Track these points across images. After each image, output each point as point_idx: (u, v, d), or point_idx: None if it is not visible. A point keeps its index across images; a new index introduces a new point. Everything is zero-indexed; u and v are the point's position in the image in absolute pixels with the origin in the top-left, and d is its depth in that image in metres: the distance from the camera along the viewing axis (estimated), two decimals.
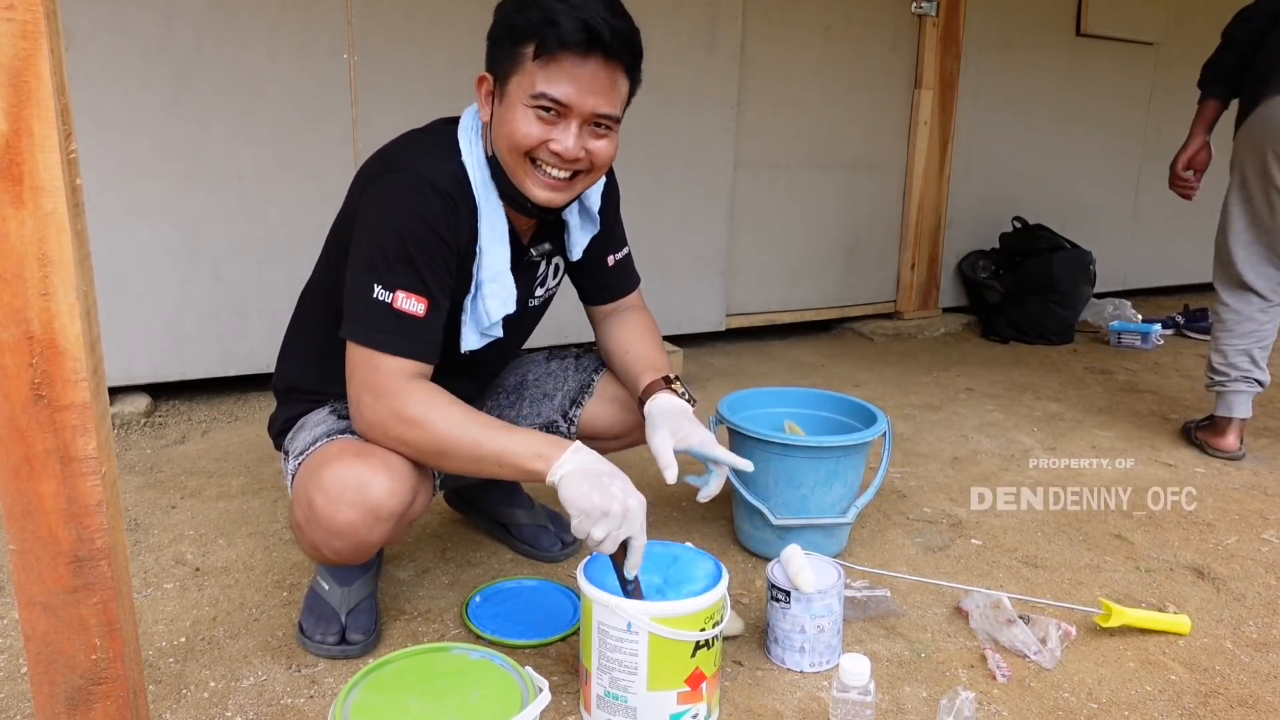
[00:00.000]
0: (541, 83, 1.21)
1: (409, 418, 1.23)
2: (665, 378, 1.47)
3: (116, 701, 0.93)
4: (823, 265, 3.73)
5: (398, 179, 1.28)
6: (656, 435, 1.38)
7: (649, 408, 1.44)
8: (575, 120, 1.23)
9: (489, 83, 1.29)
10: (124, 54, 2.34)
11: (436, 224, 1.26)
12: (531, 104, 1.22)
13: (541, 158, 1.26)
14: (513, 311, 1.39)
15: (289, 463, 1.38)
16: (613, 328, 1.60)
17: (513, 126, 1.24)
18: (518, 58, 1.22)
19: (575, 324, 2.19)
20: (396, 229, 1.25)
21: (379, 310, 1.24)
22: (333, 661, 1.39)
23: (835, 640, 1.41)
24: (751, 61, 3.32)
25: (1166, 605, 1.62)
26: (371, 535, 1.27)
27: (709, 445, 1.38)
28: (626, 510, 1.18)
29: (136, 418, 2.45)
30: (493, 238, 1.34)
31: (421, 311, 1.25)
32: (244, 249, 2.58)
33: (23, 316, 0.81)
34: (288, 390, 1.51)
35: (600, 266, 1.57)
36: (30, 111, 0.77)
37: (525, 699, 1.14)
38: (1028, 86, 4.05)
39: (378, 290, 1.24)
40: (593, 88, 1.22)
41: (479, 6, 2.72)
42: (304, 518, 1.29)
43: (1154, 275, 4.79)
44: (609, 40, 1.20)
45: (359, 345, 1.26)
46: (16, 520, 0.85)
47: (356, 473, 1.24)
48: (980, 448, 2.43)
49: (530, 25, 1.20)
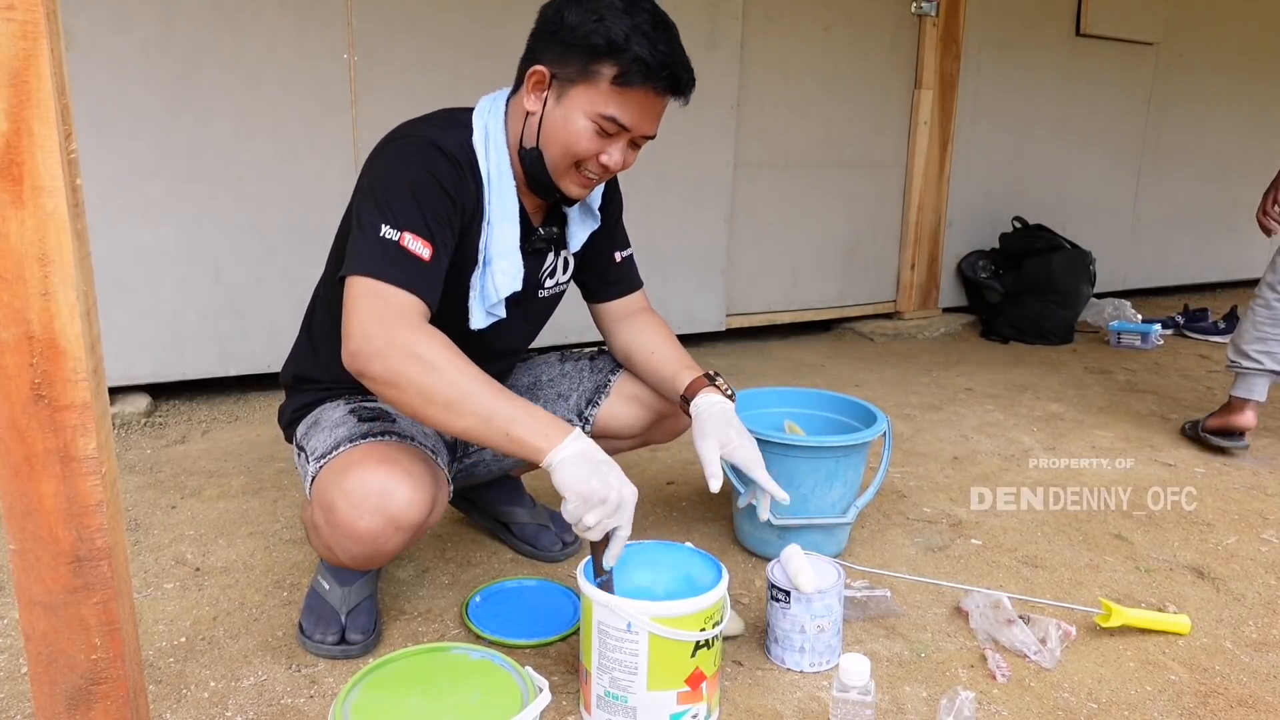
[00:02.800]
0: (614, 107, 1.28)
1: (424, 358, 1.18)
2: (707, 374, 1.50)
3: (116, 701, 0.93)
4: (822, 265, 3.73)
5: (406, 141, 1.31)
6: (705, 442, 1.41)
7: (696, 407, 1.46)
8: (627, 138, 1.32)
9: (543, 77, 1.30)
10: (124, 54, 2.34)
11: (443, 180, 1.28)
12: (597, 120, 1.29)
13: (589, 165, 1.33)
14: (519, 290, 1.40)
15: (309, 464, 1.36)
16: (631, 331, 1.61)
17: (572, 136, 1.30)
18: (592, 74, 1.27)
19: (576, 324, 2.19)
20: (404, 179, 1.26)
21: (387, 247, 1.23)
22: (333, 661, 1.39)
23: (835, 640, 1.41)
24: (751, 61, 3.32)
25: (1166, 605, 1.62)
26: (390, 544, 1.26)
27: (752, 467, 1.43)
28: (621, 500, 1.18)
29: (136, 418, 2.45)
30: (503, 214, 1.36)
31: (427, 256, 1.24)
32: (244, 249, 2.58)
33: (23, 316, 0.81)
34: (297, 380, 1.51)
35: (608, 263, 1.60)
36: (30, 111, 0.77)
37: (525, 699, 1.14)
38: (1028, 86, 4.05)
39: (385, 229, 1.23)
40: (652, 116, 1.33)
41: (479, 6, 2.75)
42: (323, 520, 1.28)
43: (1154, 275, 4.80)
44: (683, 86, 1.31)
45: (366, 278, 1.21)
46: (17, 520, 0.86)
47: (380, 481, 1.23)
48: (980, 448, 2.43)
49: (614, 50, 1.25)
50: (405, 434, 1.36)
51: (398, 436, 1.35)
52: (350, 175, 2.68)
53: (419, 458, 1.32)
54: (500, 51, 2.79)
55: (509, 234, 1.37)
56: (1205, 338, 3.84)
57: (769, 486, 1.43)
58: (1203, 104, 4.63)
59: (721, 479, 1.38)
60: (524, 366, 1.71)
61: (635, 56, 1.24)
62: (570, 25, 1.27)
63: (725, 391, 1.49)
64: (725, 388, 1.50)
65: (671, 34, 1.29)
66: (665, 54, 1.26)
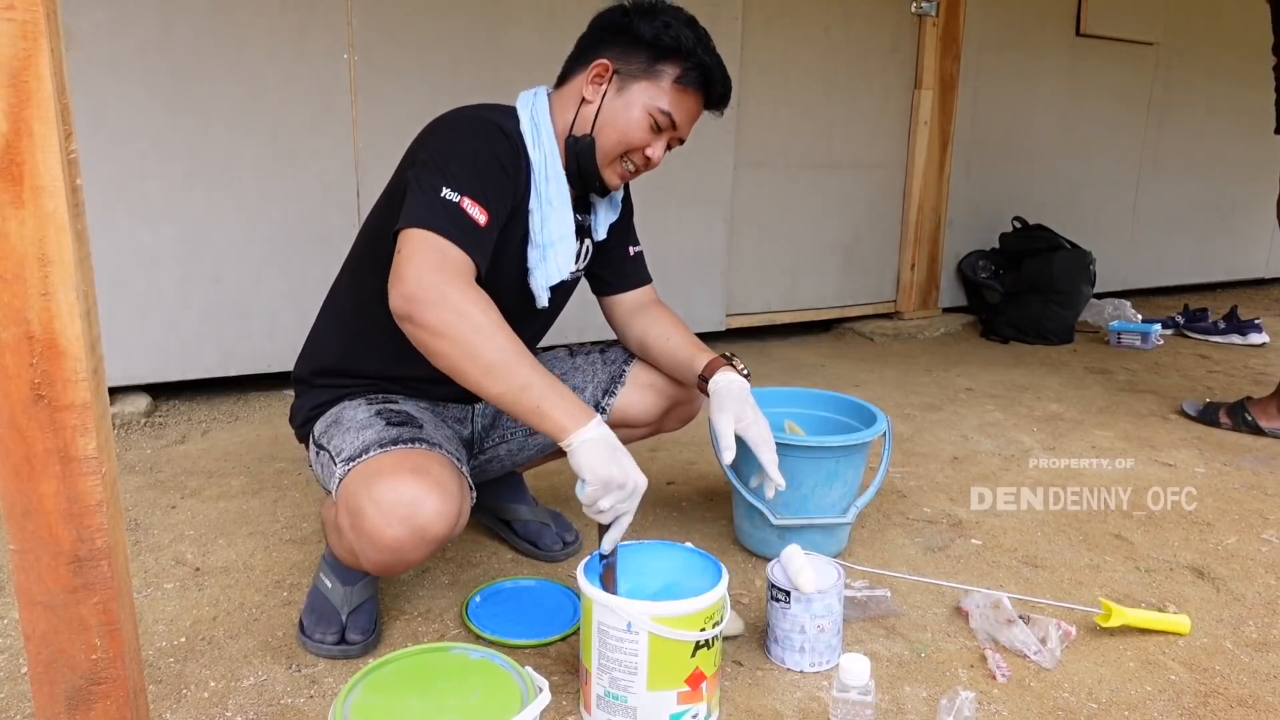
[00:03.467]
0: (672, 105, 1.40)
1: (474, 317, 1.19)
2: (725, 355, 1.56)
3: (116, 701, 0.93)
4: (823, 265, 3.73)
5: (465, 118, 1.36)
6: (721, 416, 1.48)
7: (714, 384, 1.52)
8: (670, 137, 1.43)
9: (606, 69, 1.40)
10: (124, 54, 2.34)
11: (502, 156, 1.34)
12: (655, 113, 1.39)
13: (633, 157, 1.43)
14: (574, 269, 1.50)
15: (335, 465, 1.33)
16: (645, 321, 1.65)
17: (631, 126, 1.40)
18: (656, 72, 1.39)
19: (576, 324, 2.20)
20: (466, 150, 1.31)
21: (450, 206, 1.24)
22: (333, 661, 1.39)
23: (835, 640, 1.41)
24: (751, 61, 3.32)
25: (1166, 605, 1.62)
26: (414, 555, 1.25)
27: (761, 447, 1.50)
28: (635, 487, 1.22)
29: (136, 418, 2.45)
30: (560, 200, 1.42)
31: (484, 222, 1.27)
32: (244, 249, 2.58)
33: (23, 316, 0.81)
34: (314, 374, 1.51)
35: (622, 256, 1.65)
36: (30, 112, 0.77)
37: (525, 699, 1.14)
38: (1028, 86, 4.05)
39: (446, 191, 1.25)
40: (692, 121, 1.46)
41: (479, 7, 2.75)
42: (349, 524, 1.27)
43: (1154, 275, 4.80)
44: (725, 102, 1.47)
45: (426, 230, 1.22)
46: (16, 520, 0.85)
47: (411, 491, 1.22)
48: (980, 448, 2.43)
49: (683, 52, 1.38)
50: (433, 441, 1.35)
51: (427, 444, 1.33)
52: (350, 175, 2.69)
53: (449, 468, 1.30)
54: (500, 52, 2.81)
55: (566, 219, 1.43)
56: (1205, 338, 3.84)
57: (771, 470, 1.50)
58: (1203, 104, 4.63)
59: (734, 452, 1.47)
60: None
61: (699, 62, 1.39)
62: (640, 26, 1.39)
63: (742, 372, 1.55)
64: (742, 368, 1.56)
65: (720, 59, 1.43)
66: (721, 69, 1.42)
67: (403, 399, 1.48)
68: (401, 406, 1.44)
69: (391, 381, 1.48)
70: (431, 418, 1.47)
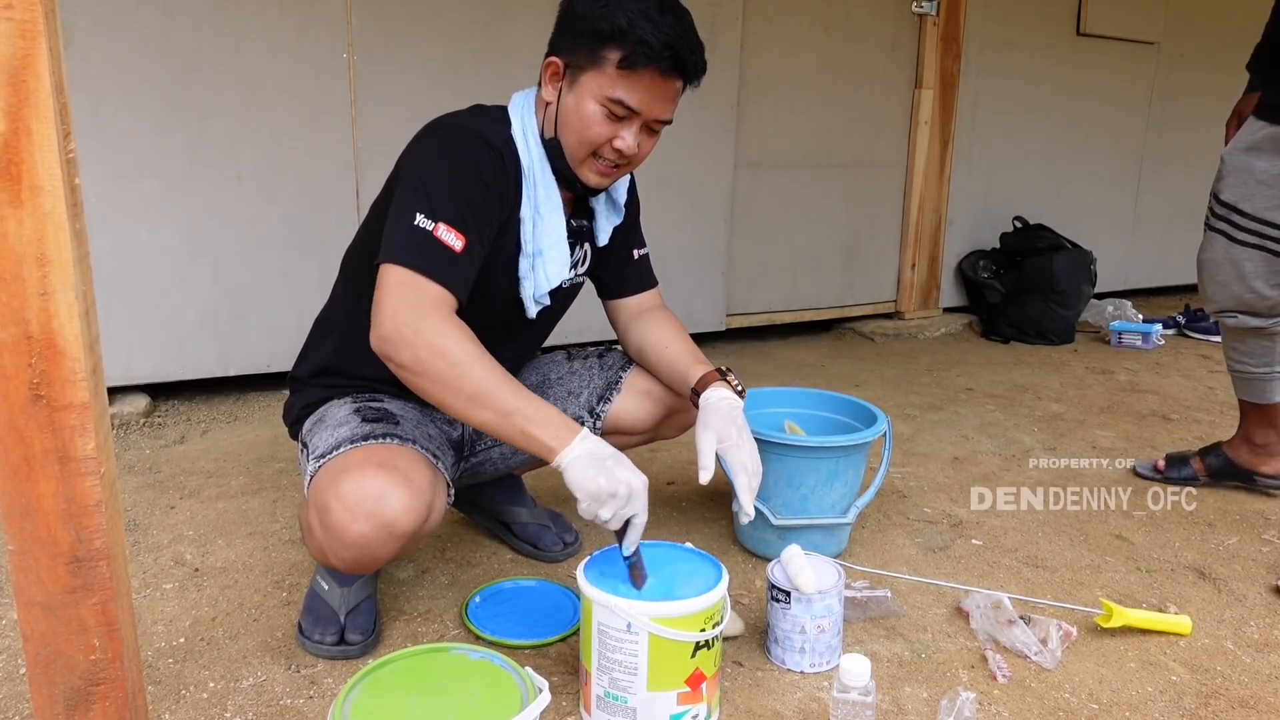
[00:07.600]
0: (621, 90, 1.30)
1: (450, 351, 1.20)
2: (719, 369, 1.52)
3: (115, 702, 0.92)
4: (823, 265, 3.73)
5: (449, 130, 1.35)
6: (704, 434, 1.41)
7: (704, 400, 1.47)
8: (639, 122, 1.34)
9: (558, 68, 1.34)
10: (123, 53, 2.34)
11: (484, 172, 1.31)
12: (606, 104, 1.31)
13: (604, 152, 1.35)
14: (567, 277, 1.45)
15: (309, 462, 1.35)
16: (645, 326, 1.62)
17: (585, 123, 1.32)
18: (599, 59, 1.29)
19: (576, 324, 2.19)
20: (444, 168, 1.29)
21: (422, 237, 1.25)
22: (332, 662, 1.39)
23: (835, 641, 1.40)
24: (751, 61, 3.32)
25: (1167, 606, 1.62)
26: (382, 550, 1.26)
27: (737, 472, 1.40)
28: (631, 491, 1.21)
29: (136, 418, 2.44)
30: (550, 207, 1.40)
31: (459, 248, 1.26)
32: (244, 249, 2.58)
33: (21, 316, 0.80)
34: (311, 375, 1.51)
35: (626, 259, 1.62)
36: (29, 111, 0.77)
37: (525, 699, 1.14)
38: (1028, 86, 4.05)
39: (420, 218, 1.25)
40: (662, 98, 1.33)
41: (479, 6, 2.74)
42: (317, 522, 1.27)
43: (1154, 275, 4.79)
44: (690, 68, 1.33)
45: (399, 266, 1.23)
46: (15, 520, 0.85)
47: (376, 486, 1.23)
48: (980, 448, 2.43)
49: (618, 34, 1.27)
50: (408, 437, 1.36)
51: (399, 439, 1.33)
52: (350, 175, 2.69)
53: (419, 462, 1.31)
54: (500, 51, 2.80)
55: (557, 225, 1.41)
56: (1206, 338, 3.83)
57: (742, 497, 1.40)
58: (1204, 103, 4.61)
59: (712, 471, 1.38)
60: (531, 365, 1.71)
61: (639, 39, 1.27)
62: (579, 14, 1.31)
63: (735, 388, 1.50)
64: (736, 384, 1.51)
65: (679, 16, 1.31)
66: (669, 36, 1.28)
67: (391, 399, 1.48)
68: (384, 404, 1.44)
69: (383, 383, 1.48)
70: (418, 416, 1.47)
